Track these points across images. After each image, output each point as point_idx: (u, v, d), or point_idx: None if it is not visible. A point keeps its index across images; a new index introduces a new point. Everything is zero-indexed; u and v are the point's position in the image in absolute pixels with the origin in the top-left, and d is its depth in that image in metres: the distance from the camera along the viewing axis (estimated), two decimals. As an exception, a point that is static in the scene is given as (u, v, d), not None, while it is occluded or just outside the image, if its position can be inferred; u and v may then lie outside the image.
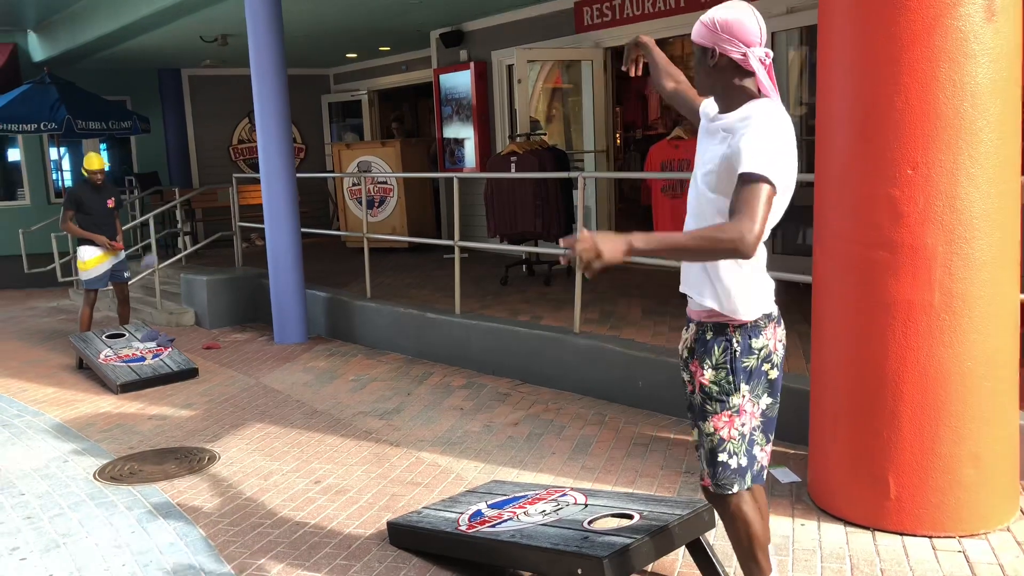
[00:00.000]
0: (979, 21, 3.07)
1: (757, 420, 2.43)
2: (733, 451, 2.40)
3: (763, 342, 2.39)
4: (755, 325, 2.37)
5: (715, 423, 2.40)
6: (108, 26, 9.33)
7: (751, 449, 2.43)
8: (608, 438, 4.61)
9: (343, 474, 4.32)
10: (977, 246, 3.15)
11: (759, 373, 2.40)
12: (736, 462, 2.41)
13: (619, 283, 7.40)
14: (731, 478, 2.42)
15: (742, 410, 2.39)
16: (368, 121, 13.17)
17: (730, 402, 2.38)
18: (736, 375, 2.36)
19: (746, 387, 2.38)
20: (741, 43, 2.26)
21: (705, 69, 2.34)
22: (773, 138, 2.18)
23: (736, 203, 2.10)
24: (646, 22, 7.91)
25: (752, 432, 2.42)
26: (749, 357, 2.37)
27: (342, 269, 9.02)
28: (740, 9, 2.30)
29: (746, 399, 2.39)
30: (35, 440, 5.19)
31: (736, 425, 2.39)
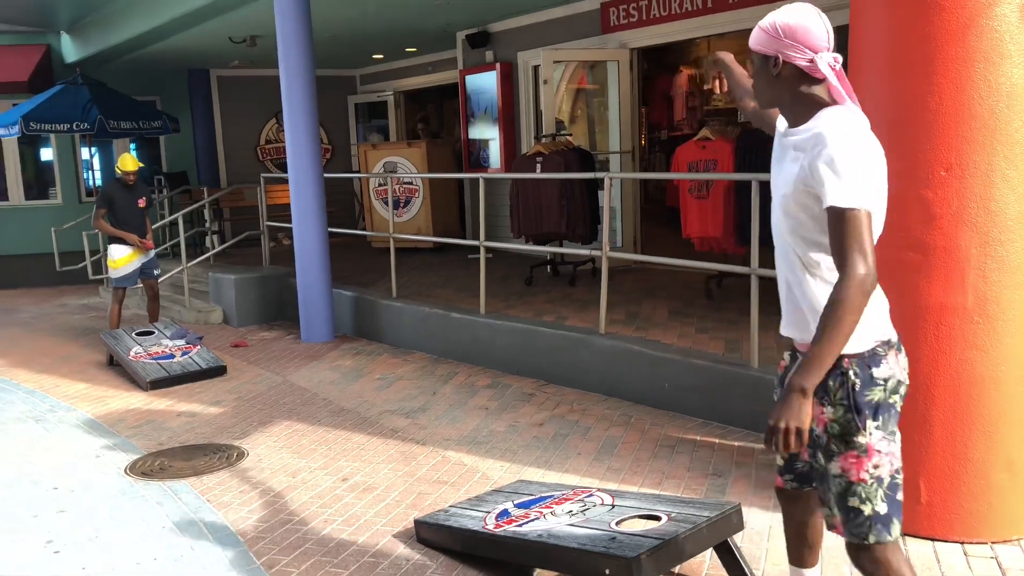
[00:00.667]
0: (1015, 21, 3.03)
1: (897, 459, 2.14)
2: (865, 496, 2.11)
3: (887, 371, 2.11)
4: (873, 354, 2.11)
5: (841, 464, 2.13)
6: (139, 27, 9.45)
7: (894, 493, 2.13)
8: (634, 440, 4.60)
9: (370, 472, 4.35)
10: (1012, 249, 3.11)
11: (888, 407, 2.12)
12: (870, 509, 2.12)
13: (644, 284, 7.38)
14: (865, 526, 2.13)
15: (871, 450, 2.10)
16: (394, 122, 13.23)
17: (856, 442, 2.11)
18: (860, 412, 2.09)
19: (873, 423, 2.09)
20: (808, 48, 2.09)
21: (767, 79, 2.17)
22: (853, 155, 1.99)
23: (835, 243, 1.98)
24: (673, 23, 7.88)
25: (894, 475, 2.13)
26: (873, 389, 2.10)
27: (368, 269, 9.07)
28: (804, 11, 2.12)
29: (876, 437, 2.10)
30: (67, 435, 5.27)
31: (866, 467, 2.11)
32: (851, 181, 1.98)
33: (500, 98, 9.67)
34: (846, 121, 2.07)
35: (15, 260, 12.03)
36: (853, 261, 1.94)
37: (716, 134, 6.58)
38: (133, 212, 7.42)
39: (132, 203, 7.42)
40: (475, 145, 10.26)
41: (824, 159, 2.01)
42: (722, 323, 5.78)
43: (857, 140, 2.03)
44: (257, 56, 10.93)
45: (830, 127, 2.05)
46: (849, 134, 2.03)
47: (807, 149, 2.07)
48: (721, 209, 6.34)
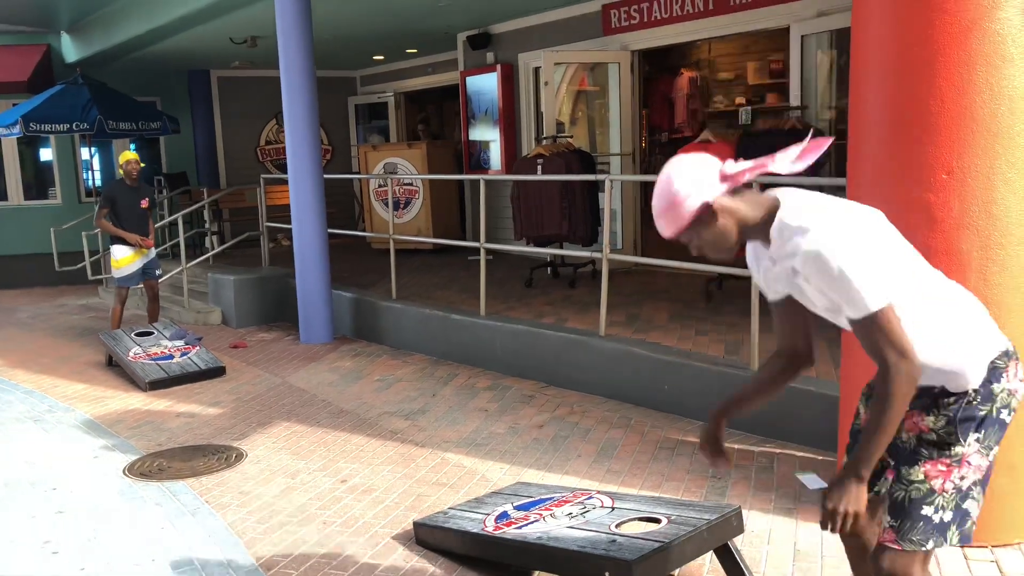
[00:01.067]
0: (1017, 25, 3.02)
1: (981, 473, 2.08)
2: (941, 505, 2.04)
3: (1004, 384, 2.04)
4: (994, 367, 2.04)
5: (927, 470, 2.05)
6: (140, 28, 9.45)
7: (963, 503, 2.06)
8: (634, 442, 4.60)
9: (369, 474, 4.34)
10: (1013, 252, 3.11)
11: (994, 421, 2.05)
12: (940, 517, 2.04)
13: (645, 286, 7.38)
14: (927, 535, 2.04)
15: (965, 461, 2.04)
16: (394, 123, 13.23)
17: (952, 451, 2.05)
18: (966, 423, 2.04)
19: (975, 435, 2.04)
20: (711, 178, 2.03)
21: (715, 234, 2.05)
22: (842, 251, 1.92)
23: (868, 347, 1.97)
24: (674, 25, 7.89)
25: (972, 486, 2.07)
26: (986, 404, 2.04)
27: (368, 270, 9.07)
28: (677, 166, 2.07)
29: (973, 449, 2.04)
30: (66, 435, 5.26)
31: (954, 477, 2.04)
32: (861, 288, 1.93)
33: (501, 100, 9.67)
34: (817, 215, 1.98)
35: (14, 260, 12.02)
36: (890, 359, 1.94)
37: (717, 137, 6.58)
38: (135, 212, 7.41)
39: (134, 203, 7.41)
40: (476, 146, 10.26)
41: (829, 277, 1.95)
42: (722, 326, 5.78)
43: (841, 231, 1.95)
44: (258, 57, 10.93)
45: (813, 239, 1.95)
46: (831, 231, 1.95)
47: (811, 273, 1.99)
48: (721, 212, 6.34)
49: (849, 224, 1.98)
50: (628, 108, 8.48)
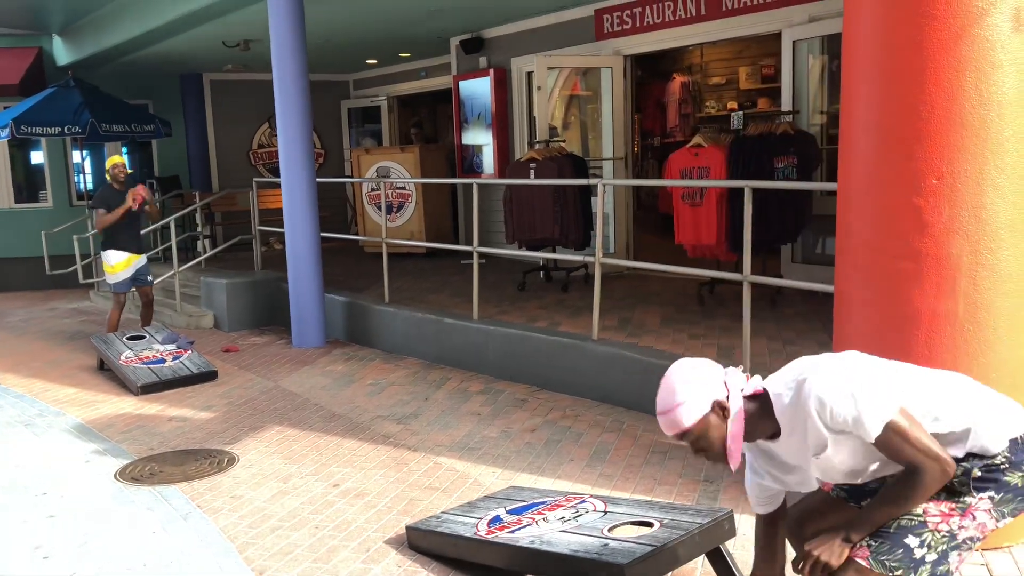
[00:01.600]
0: (1007, 31, 3.05)
1: (981, 535, 2.08)
2: (928, 543, 2.04)
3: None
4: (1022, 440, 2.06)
5: (927, 507, 2.05)
6: (132, 31, 9.44)
7: (950, 553, 2.05)
8: (626, 446, 4.60)
9: (361, 478, 4.33)
10: (1003, 256, 3.13)
11: (1017, 491, 2.05)
12: (922, 554, 2.03)
13: (637, 290, 7.39)
14: (905, 565, 2.04)
15: (970, 513, 2.04)
16: (387, 127, 13.23)
17: (961, 500, 2.06)
18: (985, 482, 2.05)
19: (989, 492, 2.04)
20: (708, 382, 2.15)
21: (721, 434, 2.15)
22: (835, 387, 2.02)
23: (896, 457, 2.02)
24: (666, 30, 7.92)
25: (967, 541, 2.07)
26: (1013, 472, 2.04)
27: (360, 274, 9.06)
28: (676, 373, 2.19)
29: (984, 507, 2.04)
30: (57, 440, 5.24)
31: (952, 523, 2.04)
32: (868, 402, 2.00)
33: (494, 104, 9.68)
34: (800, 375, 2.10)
35: (4, 264, 11.97)
36: (919, 461, 1.99)
37: (709, 141, 6.60)
38: (129, 214, 7.41)
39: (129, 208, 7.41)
40: (468, 150, 10.27)
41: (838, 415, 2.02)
42: (714, 330, 5.79)
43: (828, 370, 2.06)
44: (250, 60, 10.92)
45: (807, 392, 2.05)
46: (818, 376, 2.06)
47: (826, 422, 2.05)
48: (714, 216, 6.36)
49: (836, 362, 2.10)
50: (621, 112, 8.50)
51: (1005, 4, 3.03)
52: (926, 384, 2.15)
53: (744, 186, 4.68)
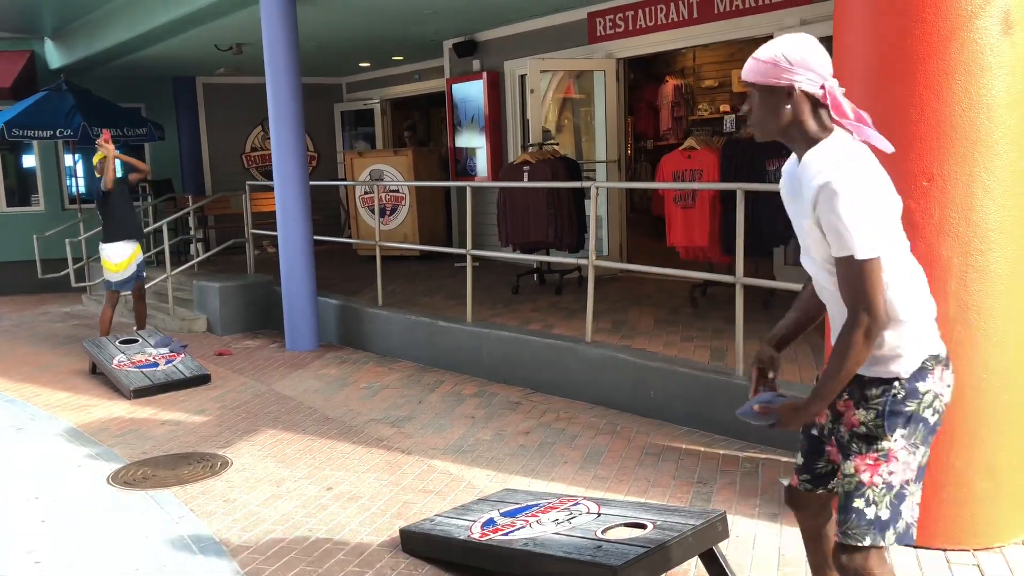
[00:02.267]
0: (996, 34, 3.07)
1: (912, 472, 2.15)
2: (872, 499, 2.13)
3: (929, 385, 2.14)
4: (921, 369, 2.14)
5: (856, 464, 2.15)
6: (125, 34, 9.42)
7: (898, 504, 2.14)
8: (620, 448, 4.61)
9: (355, 481, 4.33)
10: (992, 258, 3.15)
11: (919, 419, 2.14)
12: (873, 512, 2.13)
13: (630, 293, 7.40)
14: (864, 529, 2.14)
15: (891, 456, 2.13)
16: (380, 130, 13.23)
17: (879, 445, 2.14)
18: (893, 418, 2.13)
19: (901, 431, 2.13)
20: (818, 75, 2.10)
21: (772, 110, 2.14)
22: (859, 202, 2.01)
23: (843, 292, 2.07)
24: (659, 33, 7.94)
25: (904, 485, 2.15)
26: (911, 402, 2.13)
27: (353, 277, 9.05)
28: (808, 41, 2.13)
29: (899, 445, 2.13)
30: (49, 444, 5.22)
31: (882, 472, 2.13)
32: (859, 232, 2.01)
33: (487, 107, 9.69)
34: (850, 161, 2.07)
35: (-4, 267, 11.92)
36: (859, 310, 2.05)
37: (701, 144, 6.62)
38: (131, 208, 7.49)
39: (124, 199, 7.46)
40: (462, 153, 10.28)
41: (832, 211, 2.03)
42: (707, 332, 5.81)
43: (863, 183, 2.04)
44: (243, 64, 10.90)
45: (836, 175, 2.03)
46: (854, 178, 2.03)
47: (818, 201, 2.07)
48: (707, 218, 6.38)
49: (869, 176, 2.07)
50: (614, 116, 8.52)
51: (994, 7, 3.05)
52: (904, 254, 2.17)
53: (737, 188, 4.70)
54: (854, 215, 2.01)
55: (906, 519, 2.17)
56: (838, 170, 2.04)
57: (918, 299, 2.17)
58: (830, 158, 2.08)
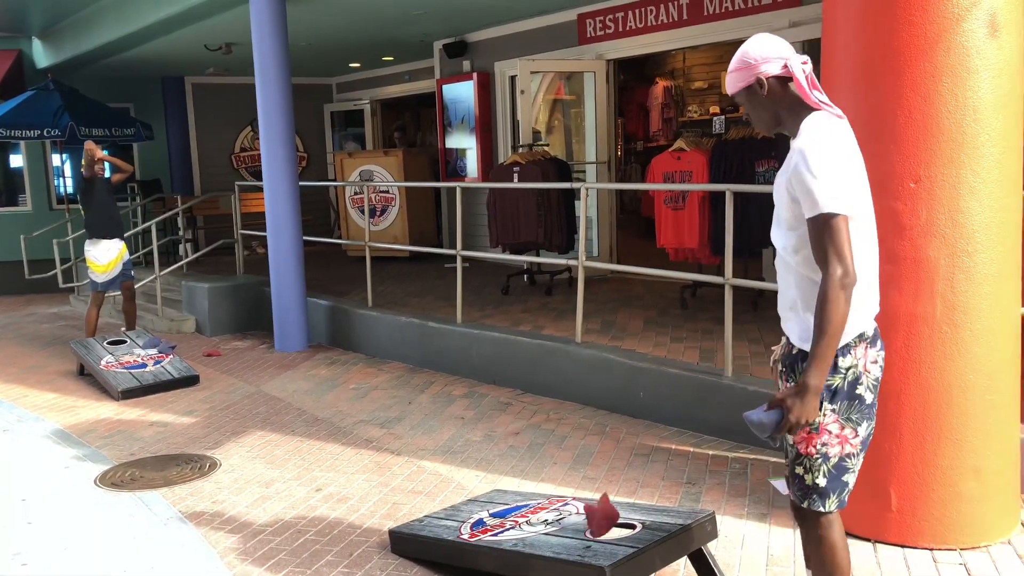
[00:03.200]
0: (982, 37, 3.09)
1: (852, 446, 2.33)
2: (809, 467, 2.34)
3: (850, 361, 2.29)
4: (844, 346, 2.28)
5: (795, 437, 2.35)
6: (113, 34, 9.37)
7: (839, 474, 2.34)
8: (609, 448, 4.62)
9: (344, 482, 4.32)
10: (979, 259, 3.17)
11: (847, 395, 2.30)
12: (811, 480, 2.34)
13: (620, 294, 7.42)
14: (805, 494, 2.36)
15: (822, 429, 2.30)
16: (370, 130, 13.21)
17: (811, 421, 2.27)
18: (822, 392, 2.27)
19: (830, 406, 2.29)
20: (776, 57, 2.32)
21: (760, 103, 2.36)
22: (827, 163, 2.17)
23: (814, 248, 2.20)
24: (649, 34, 7.96)
25: (845, 458, 2.33)
26: (834, 376, 2.29)
27: (343, 277, 9.03)
28: (760, 36, 2.38)
29: (829, 419, 2.29)
30: (36, 446, 5.19)
31: (816, 444, 2.31)
32: (825, 189, 2.16)
33: (477, 108, 9.69)
34: (822, 129, 2.25)
35: (-17, 268, 11.84)
36: (830, 263, 2.16)
37: (691, 145, 6.64)
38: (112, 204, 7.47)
39: (107, 195, 7.46)
40: (452, 154, 10.27)
41: (801, 171, 2.20)
42: (696, 332, 5.83)
43: (831, 147, 2.21)
44: (233, 64, 10.87)
45: (807, 140, 2.23)
46: (824, 142, 2.21)
47: (793, 162, 2.25)
48: (696, 220, 6.40)
49: (841, 144, 2.24)
50: (604, 117, 8.53)
51: (980, 11, 3.08)
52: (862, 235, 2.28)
53: (726, 190, 4.72)
54: (823, 173, 2.16)
55: (850, 487, 2.36)
56: (815, 134, 2.24)
57: (862, 282, 2.28)
58: (813, 126, 2.27)
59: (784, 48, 2.33)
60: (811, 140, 2.22)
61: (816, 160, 2.17)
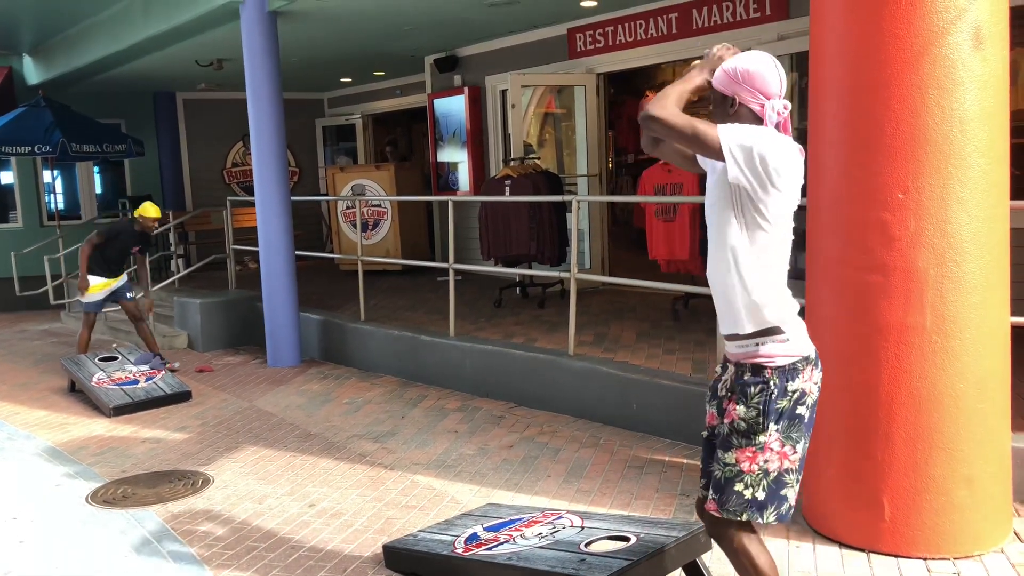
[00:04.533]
0: (967, 50, 3.13)
1: (791, 463, 2.41)
2: (750, 483, 2.40)
3: (798, 385, 2.39)
4: (792, 368, 2.38)
5: (737, 455, 2.41)
6: (104, 50, 9.38)
7: (777, 488, 2.41)
8: (603, 461, 4.62)
9: (338, 497, 4.31)
10: (968, 269, 3.19)
11: (791, 415, 2.39)
12: (751, 494, 2.40)
13: (613, 306, 7.43)
14: (742, 506, 2.41)
15: (766, 447, 2.39)
16: (362, 145, 13.23)
17: (755, 440, 2.39)
18: (767, 416, 2.37)
19: (774, 427, 2.38)
20: (760, 94, 2.35)
21: (723, 116, 2.41)
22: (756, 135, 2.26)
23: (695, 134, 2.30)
24: (638, 48, 8.00)
25: (783, 473, 2.41)
26: (782, 399, 2.38)
27: (336, 292, 9.03)
28: (762, 60, 2.37)
29: (773, 438, 2.38)
30: (27, 463, 5.16)
31: (758, 461, 2.39)
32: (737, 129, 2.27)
33: (468, 122, 9.72)
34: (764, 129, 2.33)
35: (-27, 285, 11.77)
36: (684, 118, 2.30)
37: (681, 158, 6.65)
38: (123, 253, 7.38)
39: (128, 247, 7.36)
40: (444, 168, 10.30)
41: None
42: (689, 344, 5.84)
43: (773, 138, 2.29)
44: (224, 79, 10.88)
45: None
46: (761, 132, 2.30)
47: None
48: (687, 232, 6.42)
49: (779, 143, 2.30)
50: (594, 130, 8.57)
51: (964, 23, 3.11)
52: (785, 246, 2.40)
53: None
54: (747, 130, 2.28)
55: (789, 502, 2.43)
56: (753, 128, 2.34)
57: (786, 292, 2.41)
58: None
59: (772, 84, 2.35)
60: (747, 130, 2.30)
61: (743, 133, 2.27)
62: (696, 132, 2.24)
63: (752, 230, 2.33)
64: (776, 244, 2.36)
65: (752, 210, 2.31)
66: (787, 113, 2.35)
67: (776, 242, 2.36)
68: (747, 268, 2.35)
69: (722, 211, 2.37)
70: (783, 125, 2.34)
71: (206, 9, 7.41)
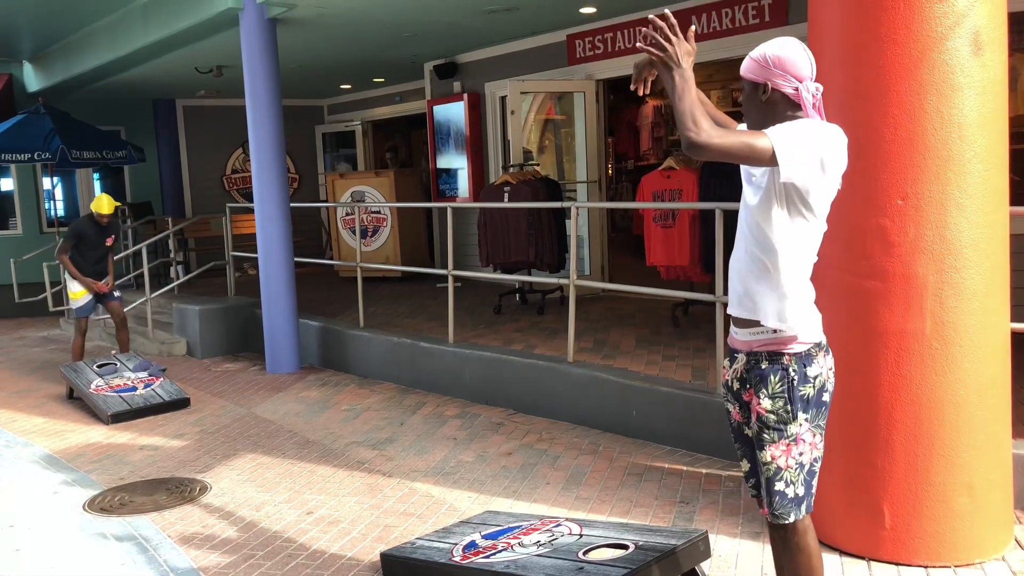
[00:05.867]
0: (966, 55, 3.12)
1: (819, 451, 2.41)
2: (790, 480, 2.38)
3: (817, 370, 2.38)
4: (808, 354, 2.37)
5: (772, 452, 2.38)
6: (104, 57, 9.39)
7: (810, 479, 2.40)
8: (602, 468, 4.60)
9: (336, 505, 4.29)
10: (967, 275, 3.18)
11: (818, 403, 2.38)
12: (793, 491, 2.38)
13: (612, 312, 7.42)
14: (788, 507, 2.39)
15: (799, 439, 2.37)
16: (361, 151, 13.24)
17: (787, 431, 2.36)
18: (794, 404, 2.35)
19: (804, 416, 2.36)
20: (793, 77, 2.32)
21: (756, 104, 2.39)
22: (802, 130, 2.23)
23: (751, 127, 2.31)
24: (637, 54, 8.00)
25: (813, 463, 2.40)
26: (805, 386, 2.36)
27: (335, 298, 9.02)
28: (791, 45, 2.36)
29: (804, 428, 2.37)
30: (24, 471, 5.14)
31: (793, 454, 2.37)
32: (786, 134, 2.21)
33: (468, 128, 9.73)
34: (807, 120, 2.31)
35: (-28, 292, 11.76)
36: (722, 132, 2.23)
37: (681, 164, 6.66)
38: (99, 249, 7.37)
39: (100, 242, 7.37)
40: (443, 174, 10.30)
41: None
42: (688, 351, 5.82)
43: (814, 126, 2.26)
44: (224, 86, 10.90)
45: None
46: (808, 123, 2.27)
47: None
48: (687, 238, 6.41)
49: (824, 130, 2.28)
50: (594, 136, 8.57)
51: (963, 29, 3.11)
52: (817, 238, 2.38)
53: (715, 207, 4.73)
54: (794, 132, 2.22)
55: (814, 492, 2.43)
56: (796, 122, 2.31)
57: (809, 283, 2.40)
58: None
59: (804, 67, 2.33)
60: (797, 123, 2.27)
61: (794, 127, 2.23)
62: (752, 148, 2.19)
63: (794, 218, 2.31)
64: (813, 235, 2.36)
65: (799, 202, 2.29)
66: (819, 94, 2.33)
67: (814, 233, 2.35)
68: (784, 260, 2.33)
69: (763, 204, 2.34)
70: (818, 107, 2.32)
71: (205, 16, 7.42)
